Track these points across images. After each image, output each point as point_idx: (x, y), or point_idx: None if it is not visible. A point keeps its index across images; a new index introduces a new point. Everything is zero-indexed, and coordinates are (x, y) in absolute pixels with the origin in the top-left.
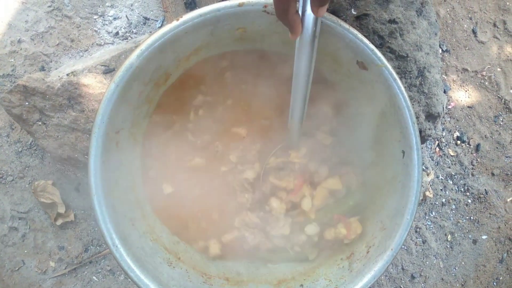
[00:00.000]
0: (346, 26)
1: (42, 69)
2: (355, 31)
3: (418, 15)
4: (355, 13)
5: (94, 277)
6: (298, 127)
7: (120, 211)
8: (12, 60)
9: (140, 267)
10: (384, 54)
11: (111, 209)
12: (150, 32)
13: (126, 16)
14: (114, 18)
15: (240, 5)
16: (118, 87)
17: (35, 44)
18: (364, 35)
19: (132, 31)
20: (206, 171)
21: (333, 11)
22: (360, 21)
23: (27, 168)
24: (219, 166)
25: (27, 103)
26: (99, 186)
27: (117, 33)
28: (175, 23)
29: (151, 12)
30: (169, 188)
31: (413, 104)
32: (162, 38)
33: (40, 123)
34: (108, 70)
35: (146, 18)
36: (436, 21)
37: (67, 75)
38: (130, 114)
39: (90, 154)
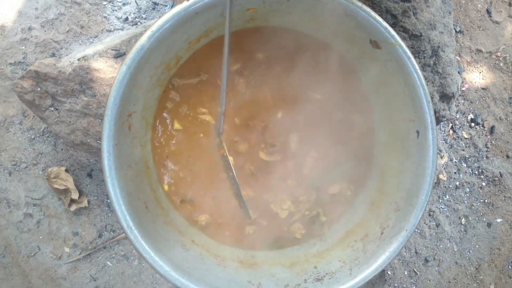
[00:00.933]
0: (359, 3)
1: (53, 55)
2: (368, 9)
3: None
4: None
5: (108, 262)
6: None
7: (134, 194)
8: (23, 47)
9: (154, 249)
10: (397, 33)
11: (125, 192)
12: (160, 17)
13: (136, 1)
14: (123, 4)
15: None
16: (130, 69)
17: (45, 31)
18: (376, 13)
19: (142, 16)
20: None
21: None
22: (372, 0)
23: (40, 155)
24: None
25: (39, 89)
26: (112, 169)
27: (126, 19)
28: (185, 3)
29: None
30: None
31: (427, 84)
32: (172, 19)
33: (52, 108)
34: (119, 54)
35: (155, 3)
36: None
37: (78, 60)
38: (142, 97)
39: (103, 137)
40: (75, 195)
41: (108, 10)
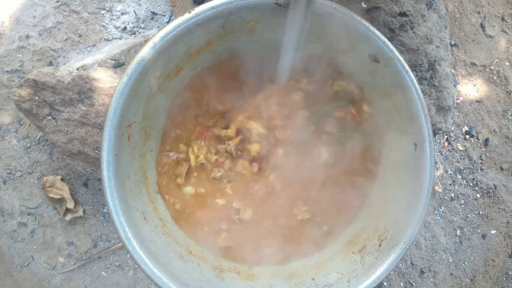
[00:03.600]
0: (358, 18)
1: (50, 64)
2: (367, 23)
3: (428, 8)
4: (366, 6)
5: (103, 273)
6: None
7: (133, 204)
8: (20, 55)
9: (153, 261)
10: (395, 47)
11: (124, 203)
12: (158, 27)
13: (134, 11)
14: (122, 13)
15: None
16: (131, 79)
17: (43, 39)
18: (375, 27)
19: (140, 26)
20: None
21: (343, 4)
22: (370, 14)
23: (35, 164)
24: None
25: (37, 98)
26: (112, 180)
27: (125, 28)
28: (187, 15)
29: (159, 7)
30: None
31: (424, 97)
32: (174, 30)
33: (50, 117)
34: (118, 64)
35: (153, 13)
36: (446, 14)
37: (77, 69)
38: (142, 107)
39: (103, 147)
40: (70, 205)
41: (107, 19)
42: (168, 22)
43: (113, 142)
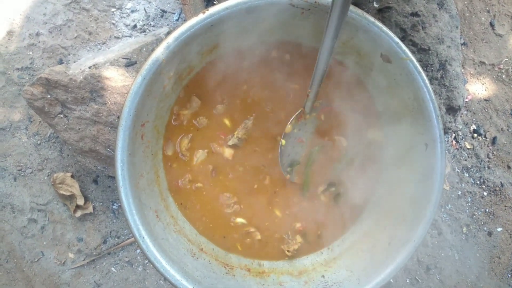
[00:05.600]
0: (371, 19)
1: (60, 62)
2: (380, 24)
3: (439, 8)
4: (377, 6)
5: (112, 268)
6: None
7: (146, 203)
8: (31, 53)
9: (166, 258)
10: (406, 47)
11: (137, 201)
12: (168, 25)
13: (144, 8)
14: (132, 11)
15: None
16: (145, 80)
17: (53, 37)
18: (388, 28)
19: (150, 24)
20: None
21: (356, 4)
22: (382, 14)
23: (45, 161)
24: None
25: (49, 96)
26: (126, 178)
27: (135, 26)
28: (201, 16)
29: (168, 5)
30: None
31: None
32: (188, 31)
33: (61, 116)
34: (130, 63)
35: (163, 11)
36: (457, 14)
37: (89, 68)
38: (154, 106)
39: (117, 147)
40: (80, 201)
41: (117, 17)
42: (177, 20)
43: (127, 142)
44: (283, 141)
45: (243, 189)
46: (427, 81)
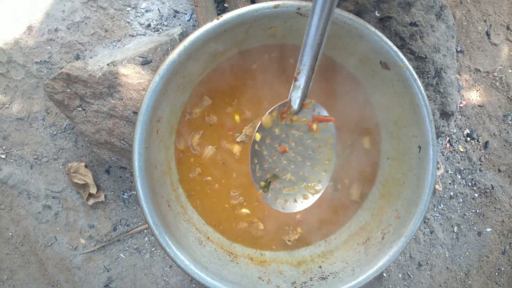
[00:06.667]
0: (372, 28)
1: (77, 57)
2: (380, 34)
3: (437, 19)
4: (379, 15)
5: (121, 255)
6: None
7: (159, 193)
8: (49, 47)
9: (176, 244)
10: (404, 55)
11: (151, 191)
12: (180, 25)
13: (158, 8)
14: (146, 11)
15: (275, 6)
16: (162, 79)
17: (71, 33)
18: (387, 37)
19: (163, 24)
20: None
21: (358, 13)
22: (383, 23)
23: (61, 150)
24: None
25: (69, 90)
26: (142, 170)
27: (149, 25)
28: (215, 22)
29: (181, 6)
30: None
31: (429, 103)
32: (203, 35)
33: (80, 109)
34: (146, 61)
35: (176, 11)
36: (454, 24)
37: (107, 65)
38: (169, 104)
39: (135, 140)
40: (93, 190)
41: (132, 16)
42: (189, 20)
43: (144, 136)
44: (258, 135)
45: (248, 183)
46: (422, 88)
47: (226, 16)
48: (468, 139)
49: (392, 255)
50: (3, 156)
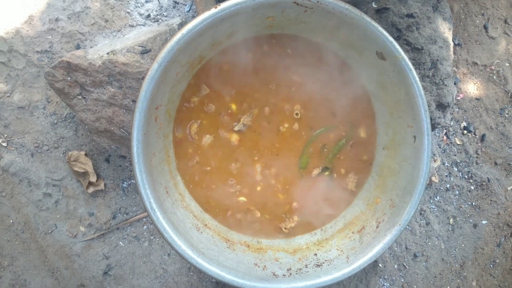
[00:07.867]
0: (368, 19)
1: (78, 47)
2: (376, 24)
3: (434, 11)
4: (376, 6)
5: (120, 242)
6: None
7: (157, 179)
8: (50, 37)
9: (174, 230)
10: (401, 46)
11: (150, 177)
12: (179, 15)
13: None
14: (146, 1)
15: None
16: (161, 67)
17: (71, 22)
18: (383, 28)
19: (163, 14)
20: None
21: (355, 3)
22: (380, 14)
23: (61, 139)
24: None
25: (69, 78)
26: (140, 156)
27: (148, 16)
28: (213, 10)
29: None
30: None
31: (425, 94)
32: (201, 24)
33: (80, 97)
34: (145, 50)
35: (175, 2)
36: (450, 16)
37: (107, 53)
38: (167, 92)
39: (134, 126)
40: (93, 178)
41: (132, 6)
42: (188, 11)
43: (143, 123)
44: None
45: (245, 171)
46: (417, 78)
47: (224, 5)
48: (465, 132)
49: (386, 243)
50: (4, 144)
